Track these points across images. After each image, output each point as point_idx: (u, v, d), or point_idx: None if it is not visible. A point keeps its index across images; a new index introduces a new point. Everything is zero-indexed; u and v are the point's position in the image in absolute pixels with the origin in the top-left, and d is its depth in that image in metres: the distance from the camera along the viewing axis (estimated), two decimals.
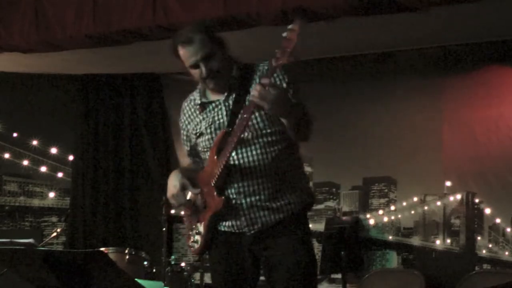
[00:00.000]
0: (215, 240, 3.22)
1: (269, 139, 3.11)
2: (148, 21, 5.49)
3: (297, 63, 2.92)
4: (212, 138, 3.17)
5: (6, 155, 7.53)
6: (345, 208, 7.07)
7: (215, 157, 3.10)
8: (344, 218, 6.58)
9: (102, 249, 4.96)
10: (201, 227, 3.20)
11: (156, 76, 7.78)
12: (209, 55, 3.06)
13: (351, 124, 6.91)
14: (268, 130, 3.10)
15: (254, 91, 2.90)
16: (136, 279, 3.57)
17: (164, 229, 5.79)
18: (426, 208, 6.71)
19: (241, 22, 5.29)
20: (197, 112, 3.25)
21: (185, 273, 5.77)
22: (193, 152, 3.37)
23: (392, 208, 6.84)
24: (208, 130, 3.18)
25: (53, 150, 7.61)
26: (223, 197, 3.09)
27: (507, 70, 6.35)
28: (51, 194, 7.82)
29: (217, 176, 3.09)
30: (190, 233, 3.27)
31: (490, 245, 6.48)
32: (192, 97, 3.31)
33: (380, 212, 6.87)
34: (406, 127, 6.70)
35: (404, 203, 6.79)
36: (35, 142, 7.50)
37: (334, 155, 6.93)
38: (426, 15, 5.15)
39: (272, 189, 3.12)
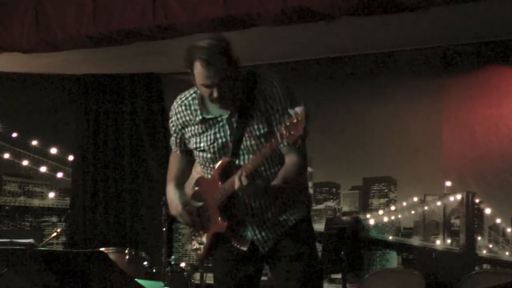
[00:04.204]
0: (219, 249, 3.17)
1: (274, 158, 3.01)
2: (148, 21, 5.48)
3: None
4: (215, 158, 3.07)
5: (6, 155, 7.53)
6: (345, 208, 7.08)
7: (220, 183, 3.01)
8: (344, 218, 6.56)
9: (102, 249, 4.96)
10: (204, 238, 3.15)
11: (156, 76, 7.78)
12: (225, 79, 2.91)
13: (351, 124, 6.91)
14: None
15: (236, 183, 2.84)
16: (136, 279, 3.57)
17: (164, 229, 5.78)
18: (426, 208, 6.70)
19: (241, 22, 5.29)
20: (196, 121, 3.12)
21: (185, 273, 5.77)
22: (185, 152, 3.28)
23: (392, 208, 6.84)
24: (211, 150, 3.08)
25: (53, 150, 7.60)
26: (225, 223, 3.01)
27: (507, 70, 6.35)
28: (51, 194, 7.82)
29: (221, 201, 3.02)
30: (193, 238, 3.23)
31: (490, 245, 6.48)
32: (186, 101, 3.17)
33: (380, 212, 6.87)
34: (406, 127, 6.70)
35: (404, 203, 6.79)
36: (35, 142, 7.50)
37: (334, 155, 6.93)
38: (426, 15, 5.14)
39: (279, 206, 3.07)
